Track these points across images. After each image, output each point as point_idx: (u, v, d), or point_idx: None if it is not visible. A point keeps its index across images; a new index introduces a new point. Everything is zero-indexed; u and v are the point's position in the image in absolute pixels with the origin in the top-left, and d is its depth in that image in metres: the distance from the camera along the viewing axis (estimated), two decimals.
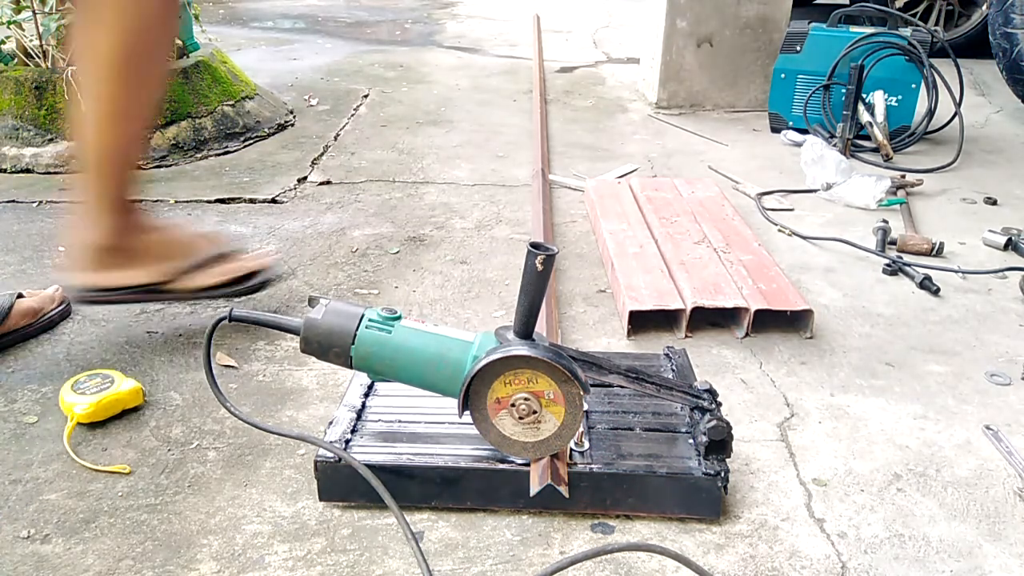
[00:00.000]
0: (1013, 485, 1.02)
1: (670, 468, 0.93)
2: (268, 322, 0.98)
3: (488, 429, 0.92)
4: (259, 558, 0.88)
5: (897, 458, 1.06)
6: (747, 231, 1.64)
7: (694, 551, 0.90)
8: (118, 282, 1.23)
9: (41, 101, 2.05)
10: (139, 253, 1.23)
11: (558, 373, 0.89)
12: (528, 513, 0.95)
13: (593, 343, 1.32)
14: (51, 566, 0.87)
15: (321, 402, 1.15)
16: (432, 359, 0.92)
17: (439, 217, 1.81)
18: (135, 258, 1.22)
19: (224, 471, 1.01)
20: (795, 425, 1.13)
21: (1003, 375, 1.25)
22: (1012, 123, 2.68)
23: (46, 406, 1.12)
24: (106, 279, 1.21)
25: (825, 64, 2.33)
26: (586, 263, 1.61)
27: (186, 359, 1.25)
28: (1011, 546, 0.92)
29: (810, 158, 2.05)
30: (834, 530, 0.94)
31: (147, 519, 0.93)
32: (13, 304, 1.26)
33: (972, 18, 3.57)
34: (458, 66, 3.34)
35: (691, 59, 2.68)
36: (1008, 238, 1.71)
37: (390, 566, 0.87)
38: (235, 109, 2.32)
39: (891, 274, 1.58)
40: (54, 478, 0.99)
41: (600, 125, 2.56)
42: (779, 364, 1.28)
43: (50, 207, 1.82)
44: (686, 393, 0.98)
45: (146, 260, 1.23)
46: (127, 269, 1.22)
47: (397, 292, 1.48)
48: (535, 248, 0.86)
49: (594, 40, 3.91)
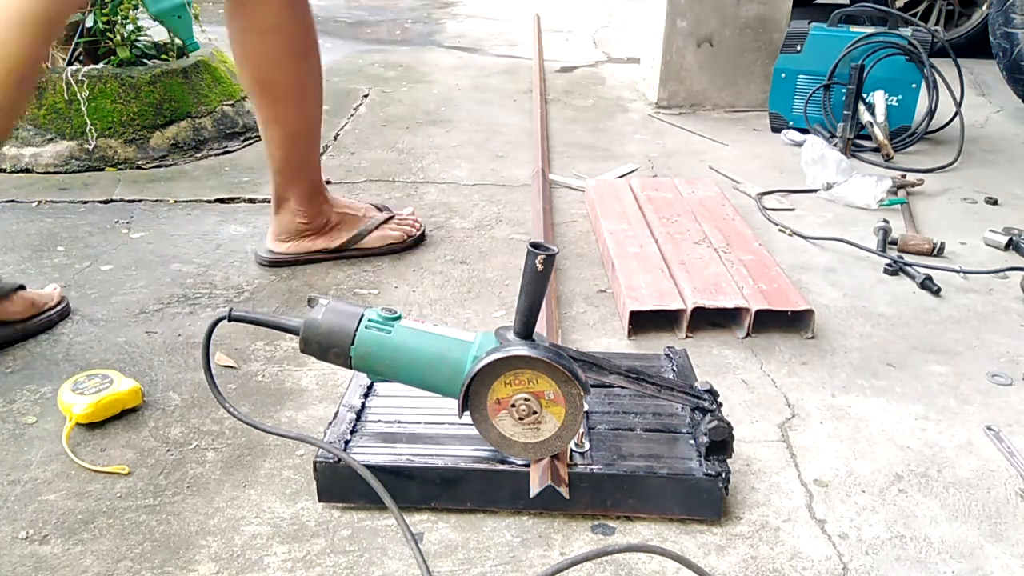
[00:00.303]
0: (1015, 486, 1.02)
1: (671, 469, 0.93)
2: (267, 322, 0.98)
3: (488, 430, 0.92)
4: (258, 559, 0.88)
5: (898, 459, 1.06)
6: (747, 231, 1.63)
7: (695, 552, 0.90)
8: (308, 248, 1.56)
9: (41, 101, 2.04)
10: (325, 226, 1.56)
11: (558, 373, 0.88)
12: (528, 514, 0.95)
13: (593, 343, 1.32)
14: (49, 567, 0.86)
15: (321, 402, 1.15)
16: (432, 359, 0.92)
17: (439, 217, 1.81)
18: (321, 230, 1.56)
19: (223, 472, 1.01)
20: (796, 426, 1.12)
21: (1004, 375, 1.25)
22: (1012, 123, 2.68)
23: (45, 406, 1.12)
24: (298, 247, 1.56)
25: (825, 64, 2.32)
26: (586, 263, 1.61)
27: (185, 359, 1.25)
28: (1013, 547, 0.92)
29: (810, 158, 2.05)
30: (835, 531, 0.94)
31: (146, 520, 0.93)
32: (16, 287, 1.28)
33: (972, 18, 3.56)
34: (458, 66, 3.34)
35: (691, 59, 2.67)
36: (1009, 238, 1.71)
37: (389, 567, 0.87)
38: (235, 109, 2.31)
39: (892, 274, 1.58)
40: (53, 479, 0.99)
41: (600, 125, 2.56)
42: (780, 364, 1.27)
43: (50, 207, 1.82)
44: (687, 393, 0.97)
45: (330, 231, 1.57)
46: (316, 239, 1.56)
47: (397, 292, 1.48)
48: (535, 248, 0.85)
49: (594, 40, 3.91)
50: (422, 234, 1.68)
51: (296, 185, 1.49)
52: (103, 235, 1.68)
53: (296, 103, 1.44)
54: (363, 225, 1.59)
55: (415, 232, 1.65)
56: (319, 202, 1.54)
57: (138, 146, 2.08)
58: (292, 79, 1.41)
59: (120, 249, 1.62)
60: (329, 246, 1.57)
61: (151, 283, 1.48)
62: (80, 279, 1.49)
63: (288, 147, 1.46)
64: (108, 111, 2.07)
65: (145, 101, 2.11)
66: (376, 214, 1.63)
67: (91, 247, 1.62)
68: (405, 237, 1.63)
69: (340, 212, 1.58)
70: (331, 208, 1.57)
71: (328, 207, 1.56)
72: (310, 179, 1.51)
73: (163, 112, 2.13)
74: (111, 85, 2.07)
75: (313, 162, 1.52)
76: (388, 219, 1.63)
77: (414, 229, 1.66)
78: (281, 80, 1.40)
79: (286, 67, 1.39)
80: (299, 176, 1.49)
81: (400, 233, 1.63)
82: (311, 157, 1.51)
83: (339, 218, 1.58)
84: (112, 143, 2.06)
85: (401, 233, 1.63)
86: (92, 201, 1.85)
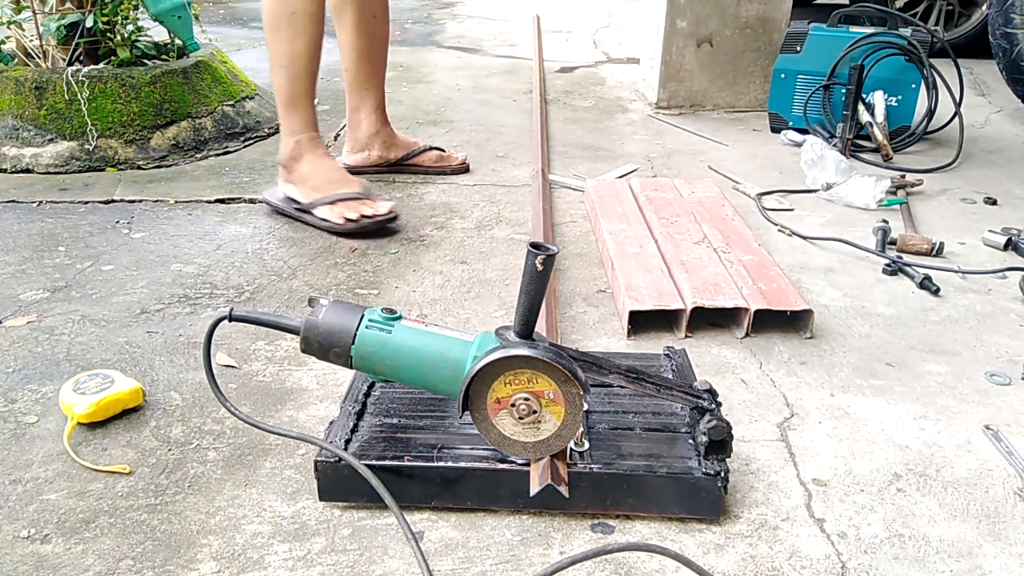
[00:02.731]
0: (1013, 485, 1.02)
1: (670, 468, 0.93)
2: (268, 322, 0.98)
3: (488, 429, 0.92)
4: (259, 558, 0.88)
5: (897, 458, 1.07)
6: (747, 231, 1.64)
7: (694, 551, 0.90)
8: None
9: (41, 101, 2.05)
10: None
11: (558, 373, 0.89)
12: (528, 513, 0.95)
13: (593, 343, 1.32)
14: (51, 566, 0.87)
15: (321, 402, 1.15)
16: (432, 359, 0.92)
17: (439, 217, 1.81)
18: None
19: (224, 471, 1.01)
20: (795, 425, 1.13)
21: (1003, 375, 1.25)
22: (1012, 123, 2.68)
23: (46, 406, 1.13)
24: (366, 159, 1.99)
25: (825, 64, 2.33)
26: (586, 263, 1.61)
27: (186, 359, 1.25)
28: (1011, 546, 0.92)
29: (810, 158, 2.05)
30: (834, 530, 0.94)
31: (147, 519, 0.93)
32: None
33: (972, 18, 3.57)
34: (458, 66, 3.34)
35: (691, 59, 2.68)
36: (1008, 238, 1.71)
37: (390, 566, 0.87)
38: (235, 109, 2.32)
39: (891, 274, 1.58)
40: (54, 478, 0.99)
41: (600, 125, 2.57)
42: (779, 364, 1.28)
43: (50, 207, 1.82)
44: (686, 393, 0.97)
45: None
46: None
47: (397, 292, 1.48)
48: (535, 248, 0.86)
49: (594, 40, 3.91)
50: (466, 166, 2.09)
51: (371, 96, 1.94)
52: (104, 235, 1.68)
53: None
54: (415, 147, 2.03)
55: (456, 163, 2.07)
56: (383, 116, 1.98)
57: (138, 146, 2.09)
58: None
59: (121, 249, 1.62)
60: (388, 157, 2.00)
61: (152, 283, 1.49)
62: (81, 279, 1.49)
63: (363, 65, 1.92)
64: (108, 111, 2.07)
65: (145, 101, 2.11)
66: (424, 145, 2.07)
67: (92, 247, 1.62)
68: (454, 163, 2.06)
69: (399, 137, 2.03)
70: (391, 130, 2.01)
71: (390, 128, 2.01)
72: (379, 94, 1.95)
73: (163, 112, 2.14)
74: (111, 85, 2.08)
75: (381, 81, 1.95)
76: (437, 149, 2.06)
77: (457, 162, 2.08)
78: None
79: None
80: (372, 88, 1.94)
81: (448, 160, 2.06)
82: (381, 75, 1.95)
83: (397, 139, 2.02)
84: (112, 143, 2.06)
85: (449, 159, 2.06)
86: (93, 201, 1.85)
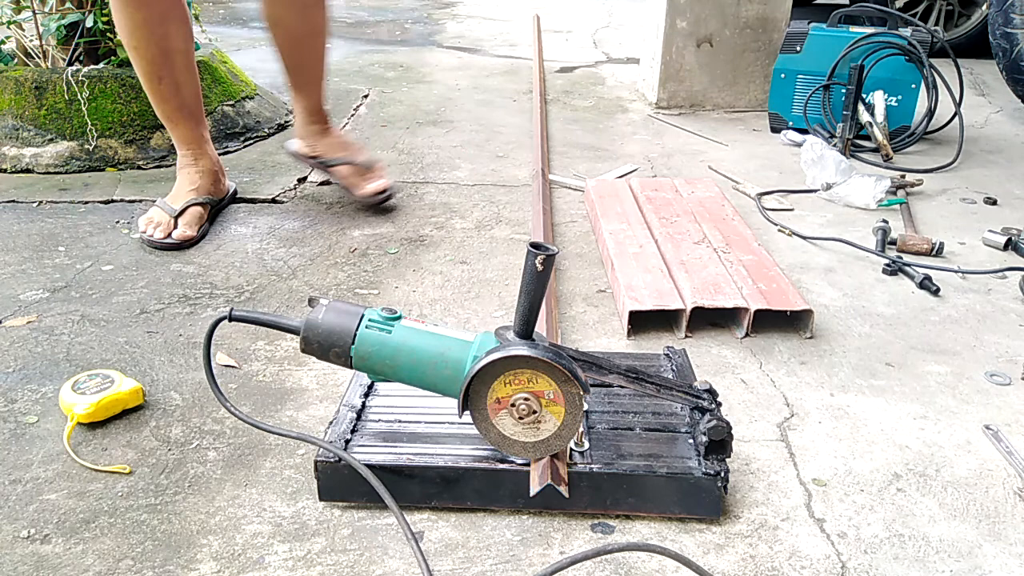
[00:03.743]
0: (1013, 485, 1.02)
1: (670, 468, 0.93)
2: (268, 322, 0.98)
3: (488, 429, 0.92)
4: (259, 558, 0.88)
5: (897, 458, 1.07)
6: (747, 231, 1.64)
7: (694, 551, 0.90)
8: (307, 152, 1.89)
9: (41, 101, 2.05)
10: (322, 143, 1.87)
11: (558, 373, 0.89)
12: (528, 513, 0.95)
13: (593, 343, 1.32)
14: (51, 566, 0.87)
15: (321, 402, 1.16)
16: (432, 359, 0.92)
17: (439, 217, 1.81)
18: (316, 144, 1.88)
19: (224, 471, 1.01)
20: (795, 425, 1.13)
21: (1003, 375, 1.25)
22: (1012, 123, 2.68)
23: (46, 406, 1.13)
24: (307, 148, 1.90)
25: (825, 64, 2.33)
26: (586, 263, 1.61)
27: (186, 359, 1.25)
28: (1011, 546, 0.92)
29: (810, 158, 2.05)
30: (834, 530, 0.94)
31: (147, 519, 0.93)
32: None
33: (972, 18, 3.57)
34: (458, 66, 3.34)
35: (691, 59, 2.68)
36: (1008, 238, 1.71)
37: (390, 566, 0.87)
38: (235, 109, 2.32)
39: (891, 274, 1.58)
40: (54, 478, 0.99)
41: (600, 125, 2.57)
42: (779, 364, 1.28)
43: (50, 207, 1.82)
44: (686, 393, 0.98)
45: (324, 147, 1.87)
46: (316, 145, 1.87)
47: (397, 292, 1.48)
48: (535, 248, 0.86)
49: (594, 40, 3.91)
50: (385, 198, 1.85)
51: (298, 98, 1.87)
52: (104, 235, 1.68)
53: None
54: (345, 156, 1.87)
55: (373, 193, 1.84)
56: (312, 118, 1.87)
57: (138, 146, 2.09)
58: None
59: (121, 249, 1.62)
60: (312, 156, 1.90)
61: (152, 283, 1.49)
62: (81, 279, 1.49)
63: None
64: (108, 111, 2.07)
65: (145, 101, 2.10)
66: (364, 159, 1.89)
67: (92, 247, 1.62)
68: (364, 190, 1.85)
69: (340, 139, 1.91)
70: (320, 129, 1.89)
71: (320, 127, 1.88)
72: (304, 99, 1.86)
73: None
74: (111, 85, 2.08)
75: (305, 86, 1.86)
76: (367, 168, 1.87)
77: (369, 192, 1.85)
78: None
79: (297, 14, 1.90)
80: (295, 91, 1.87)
81: (361, 181, 1.86)
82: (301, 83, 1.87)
83: (322, 141, 1.89)
84: (112, 143, 2.06)
85: (361, 183, 1.86)
86: (93, 201, 1.85)
